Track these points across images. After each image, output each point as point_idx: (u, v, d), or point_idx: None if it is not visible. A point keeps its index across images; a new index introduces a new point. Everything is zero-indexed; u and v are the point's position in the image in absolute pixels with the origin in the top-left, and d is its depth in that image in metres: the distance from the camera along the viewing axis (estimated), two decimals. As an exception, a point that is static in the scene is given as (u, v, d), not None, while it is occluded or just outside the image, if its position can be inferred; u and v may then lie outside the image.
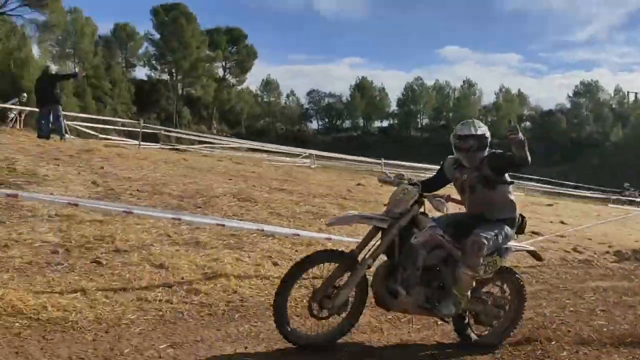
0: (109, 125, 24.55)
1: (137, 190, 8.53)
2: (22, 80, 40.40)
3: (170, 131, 27.45)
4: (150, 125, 25.59)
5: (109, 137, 20.71)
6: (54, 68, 15.94)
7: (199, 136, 25.94)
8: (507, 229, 4.11)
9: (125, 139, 22.55)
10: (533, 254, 4.74)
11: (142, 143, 18.08)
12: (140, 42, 63.11)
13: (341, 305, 3.84)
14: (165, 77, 65.01)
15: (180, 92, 64.82)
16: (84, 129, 20.16)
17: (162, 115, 59.09)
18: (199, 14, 64.68)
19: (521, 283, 4.44)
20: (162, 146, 21.03)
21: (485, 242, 3.90)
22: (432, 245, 3.94)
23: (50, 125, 13.40)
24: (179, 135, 28.44)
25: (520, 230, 4.31)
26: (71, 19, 54.55)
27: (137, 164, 11.29)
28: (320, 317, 3.85)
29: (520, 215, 4.27)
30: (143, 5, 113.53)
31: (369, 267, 3.95)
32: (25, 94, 20.23)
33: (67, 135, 14.17)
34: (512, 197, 4.19)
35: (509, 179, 4.20)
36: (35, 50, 51.11)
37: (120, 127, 32.77)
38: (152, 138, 24.45)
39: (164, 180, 9.74)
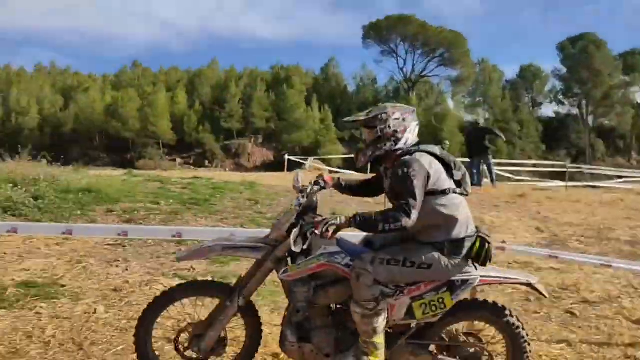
0: (519, 168, 24.88)
1: (582, 236, 8.29)
2: (442, 132, 45.38)
3: (594, 169, 25.86)
4: (576, 165, 24.72)
5: (523, 178, 21.00)
6: (482, 121, 17.13)
7: (618, 171, 23.63)
8: (436, 256, 2.91)
9: (546, 181, 22.36)
10: (533, 288, 3.17)
11: (558, 183, 17.63)
12: (546, 80, 62.34)
13: (209, 348, 3.15)
14: (574, 111, 62.11)
15: (591, 124, 60.69)
16: (499, 172, 21.07)
17: (573, 151, 56.37)
18: (609, 39, 60.07)
19: (514, 326, 3.09)
20: (588, 185, 19.99)
21: (369, 270, 2.88)
22: (331, 278, 3.00)
23: (480, 173, 14.51)
24: (593, 171, 26.47)
25: (480, 258, 2.96)
26: (479, 70, 58.51)
27: (571, 207, 11.04)
28: (189, 358, 3.19)
29: (479, 237, 2.97)
30: (548, 43, 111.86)
31: (240, 306, 3.14)
32: (447, 142, 22.29)
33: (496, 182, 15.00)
34: (448, 211, 2.91)
35: (442, 186, 2.91)
36: (450, 103, 56.90)
37: (531, 168, 32.73)
38: (557, 176, 23.49)
39: (607, 224, 9.18)
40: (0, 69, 52.94)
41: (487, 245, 2.97)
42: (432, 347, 3.14)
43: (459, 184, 3.04)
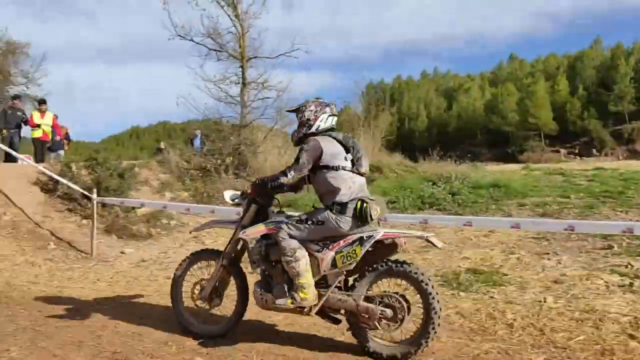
0: None
1: None
2: None
3: None
4: None
5: None
6: None
7: None
8: (330, 214, 3.79)
9: None
10: (428, 241, 3.80)
11: None
12: None
13: (207, 297, 4.28)
14: None
15: None
16: None
17: None
18: None
19: (423, 282, 3.68)
20: None
21: (283, 227, 3.87)
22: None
23: None
24: None
25: (362, 217, 3.73)
26: None
27: None
28: (199, 307, 4.33)
29: (360, 200, 3.76)
30: None
31: (223, 265, 4.26)
32: None
33: None
34: (335, 182, 3.82)
35: (334, 163, 3.84)
36: None
37: None
38: None
39: None
40: (393, 80, 60.61)
41: (364, 205, 3.71)
42: (356, 297, 3.77)
43: (355, 163, 3.88)
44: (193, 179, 11.88)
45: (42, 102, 12.10)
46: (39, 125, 11.64)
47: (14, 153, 10.20)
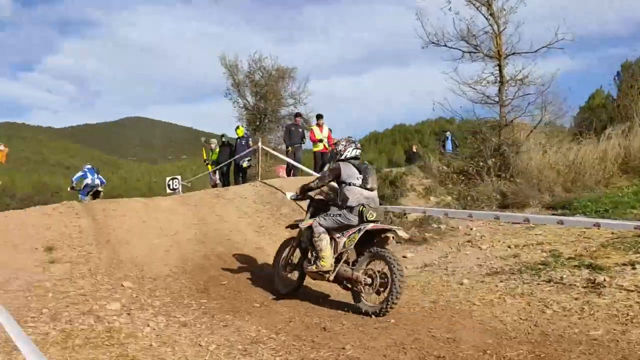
0: None
1: None
2: None
3: None
4: None
5: None
6: None
7: None
8: (345, 212, 5.84)
9: None
10: (395, 233, 5.77)
11: None
12: None
13: (282, 266, 6.59)
14: None
15: None
16: None
17: None
18: None
19: (389, 260, 5.43)
20: None
21: (317, 219, 5.99)
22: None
23: None
24: None
25: (361, 216, 5.76)
26: None
27: None
28: (282, 274, 6.59)
29: (362, 205, 5.78)
30: None
31: (293, 247, 6.57)
32: None
33: None
34: (347, 192, 5.86)
35: (349, 181, 5.89)
36: None
37: None
38: None
39: None
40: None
41: (363, 209, 5.76)
42: (353, 269, 5.74)
43: (363, 182, 5.92)
44: (454, 183, 11.88)
45: (319, 116, 13.11)
46: (320, 140, 12.91)
47: (300, 166, 11.55)
